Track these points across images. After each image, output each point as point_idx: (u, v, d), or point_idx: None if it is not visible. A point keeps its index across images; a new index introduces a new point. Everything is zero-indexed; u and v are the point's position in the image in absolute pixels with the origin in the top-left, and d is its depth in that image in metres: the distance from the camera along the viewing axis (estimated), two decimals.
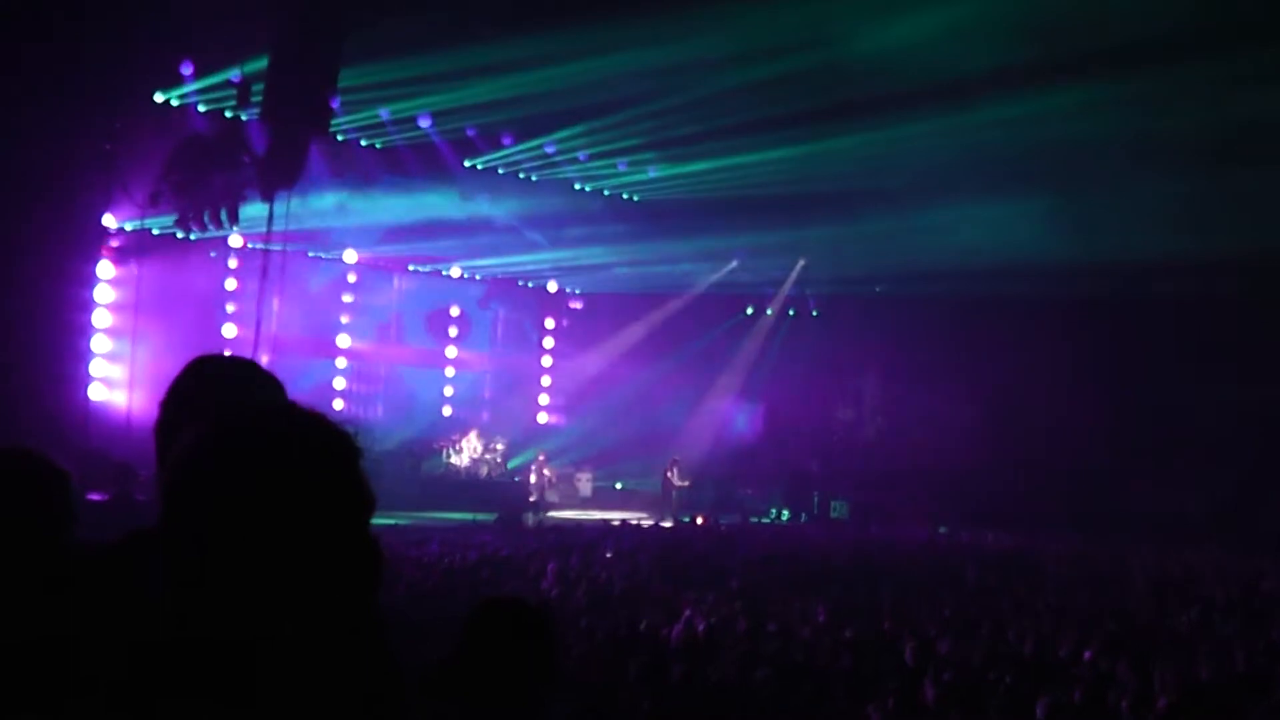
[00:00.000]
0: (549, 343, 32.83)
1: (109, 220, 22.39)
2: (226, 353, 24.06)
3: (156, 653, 1.63)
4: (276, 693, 1.62)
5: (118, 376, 22.35)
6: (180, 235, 23.56)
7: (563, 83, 20.06)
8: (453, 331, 31.01)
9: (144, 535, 2.35)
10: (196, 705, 1.58)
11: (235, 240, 25.18)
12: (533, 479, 28.67)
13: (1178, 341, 25.60)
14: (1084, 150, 20.97)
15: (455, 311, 31.02)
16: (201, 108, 21.11)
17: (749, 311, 33.12)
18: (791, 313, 32.85)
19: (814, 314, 32.55)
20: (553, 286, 32.57)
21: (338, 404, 28.09)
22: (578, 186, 26.48)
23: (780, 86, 19.69)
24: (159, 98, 20.68)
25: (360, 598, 1.70)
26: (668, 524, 25.34)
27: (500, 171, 25.07)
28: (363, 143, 23.52)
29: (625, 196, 27.32)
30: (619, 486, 30.54)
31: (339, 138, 22.73)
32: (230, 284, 25.74)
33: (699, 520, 26.03)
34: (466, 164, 24.52)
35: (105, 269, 22.62)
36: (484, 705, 3.48)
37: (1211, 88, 18.39)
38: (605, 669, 8.64)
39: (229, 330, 25.26)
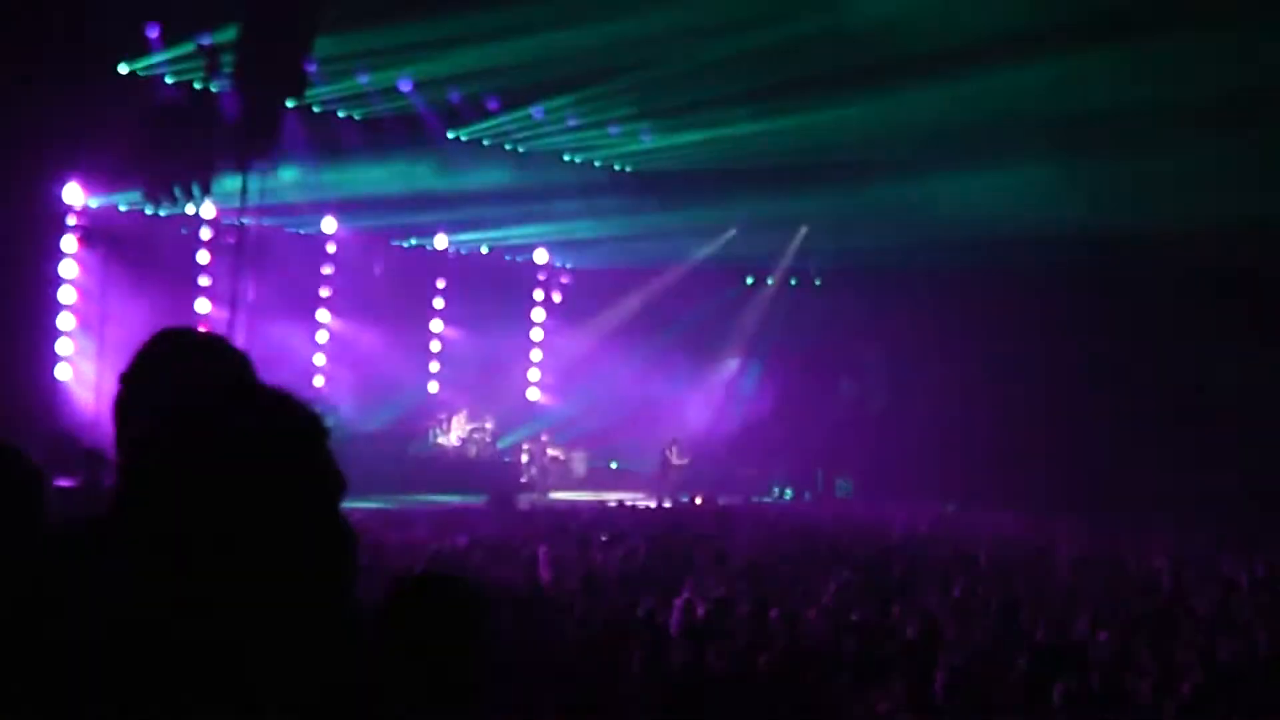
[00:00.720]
0: (539, 315, 32.76)
1: (74, 196, 22.29)
2: (200, 325, 24.08)
3: (118, 644, 1.61)
4: (245, 683, 1.60)
5: (86, 356, 22.31)
6: (150, 211, 23.45)
7: (553, 50, 19.94)
8: (438, 304, 30.93)
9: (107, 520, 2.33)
10: (165, 697, 1.56)
11: (208, 213, 25.04)
12: (524, 459, 28.71)
13: (1202, 311, 25.47)
14: (1098, 116, 20.87)
15: (441, 285, 30.94)
16: (169, 79, 20.95)
17: (749, 282, 33.06)
18: (793, 282, 32.77)
19: (816, 283, 32.49)
20: (541, 258, 32.46)
21: (318, 381, 28.05)
22: (567, 158, 26.39)
23: (780, 53, 19.58)
24: (124, 69, 20.51)
25: (332, 584, 1.68)
26: (666, 505, 25.37)
27: (485, 143, 24.96)
28: (340, 114, 23.41)
29: (617, 168, 27.25)
30: (614, 466, 30.58)
31: (315, 109, 22.60)
32: (203, 257, 25.58)
33: (698, 500, 26.07)
34: (450, 135, 24.42)
35: (70, 244, 22.53)
36: (407, 695, 3.32)
37: (1233, 48, 18.30)
38: (602, 657, 8.64)
39: (202, 306, 25.16)
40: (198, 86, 20.70)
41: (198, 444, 1.64)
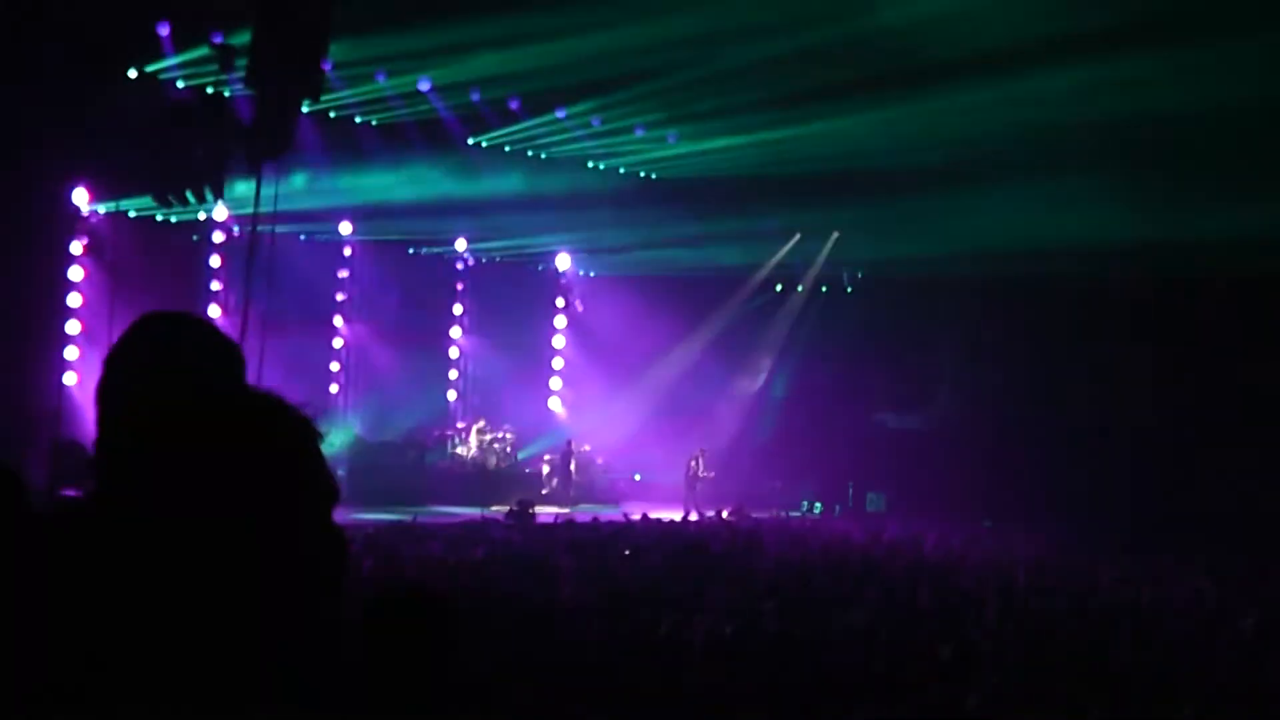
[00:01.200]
0: (561, 323, 32.77)
1: (81, 200, 22.45)
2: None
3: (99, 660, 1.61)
4: (221, 684, 1.58)
5: (93, 363, 22.47)
6: (160, 218, 23.58)
7: (579, 55, 19.99)
8: (457, 309, 31.02)
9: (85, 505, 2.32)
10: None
11: (220, 215, 25.16)
12: (545, 470, 28.78)
13: (1252, 324, 25.27)
14: (1142, 125, 20.74)
15: (460, 291, 31.05)
16: (181, 81, 21.05)
17: (778, 289, 33.00)
18: (824, 289, 32.69)
19: (848, 290, 32.43)
20: (563, 264, 32.48)
21: (333, 389, 28.20)
22: (591, 164, 26.40)
23: (811, 57, 19.57)
24: (134, 71, 20.60)
25: (323, 592, 1.68)
26: (691, 518, 25.36)
27: (507, 149, 24.99)
28: (358, 119, 23.51)
29: (642, 174, 27.25)
30: (638, 478, 30.55)
31: (332, 114, 22.69)
32: (215, 261, 25.77)
33: (725, 514, 26.04)
34: (471, 140, 24.49)
35: (78, 250, 22.71)
36: (382, 710, 3.35)
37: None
38: (623, 675, 8.65)
39: (213, 312, 25.29)
40: (210, 89, 20.82)
41: (182, 449, 1.62)
